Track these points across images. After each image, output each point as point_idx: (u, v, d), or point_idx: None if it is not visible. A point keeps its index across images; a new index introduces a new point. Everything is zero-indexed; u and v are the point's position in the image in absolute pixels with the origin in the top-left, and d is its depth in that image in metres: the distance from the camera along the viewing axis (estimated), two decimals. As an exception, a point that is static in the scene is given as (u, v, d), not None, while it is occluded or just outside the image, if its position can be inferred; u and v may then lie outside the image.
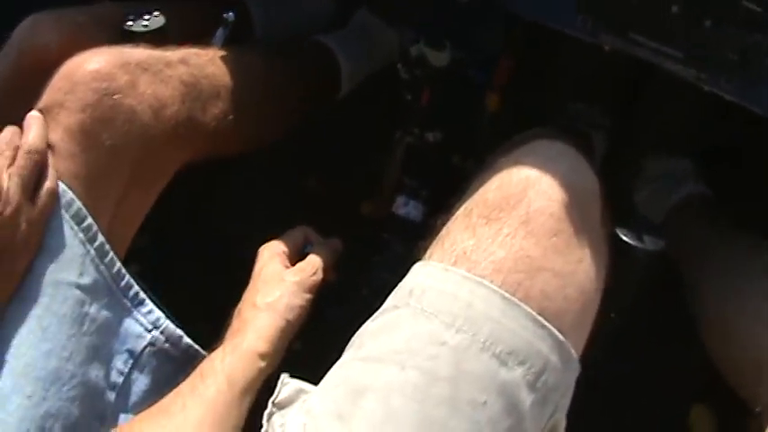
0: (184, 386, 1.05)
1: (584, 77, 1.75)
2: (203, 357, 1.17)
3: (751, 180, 1.73)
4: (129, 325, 1.20)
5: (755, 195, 1.70)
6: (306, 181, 1.79)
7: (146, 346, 1.20)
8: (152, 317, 1.22)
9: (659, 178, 1.74)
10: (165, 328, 1.22)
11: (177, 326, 1.24)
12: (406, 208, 1.59)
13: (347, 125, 1.78)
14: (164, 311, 1.23)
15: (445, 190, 1.14)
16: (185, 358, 1.23)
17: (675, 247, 1.46)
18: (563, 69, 1.77)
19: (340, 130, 1.77)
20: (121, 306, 1.19)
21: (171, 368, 1.22)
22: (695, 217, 1.64)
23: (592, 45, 1.21)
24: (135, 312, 1.20)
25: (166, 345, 1.22)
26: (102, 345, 1.16)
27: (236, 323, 1.15)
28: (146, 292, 1.22)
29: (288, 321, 1.14)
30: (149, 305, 1.22)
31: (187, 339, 1.24)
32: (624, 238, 1.20)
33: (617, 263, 1.15)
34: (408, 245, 1.50)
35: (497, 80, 1.48)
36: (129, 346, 1.19)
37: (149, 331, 1.21)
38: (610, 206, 1.08)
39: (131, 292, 1.20)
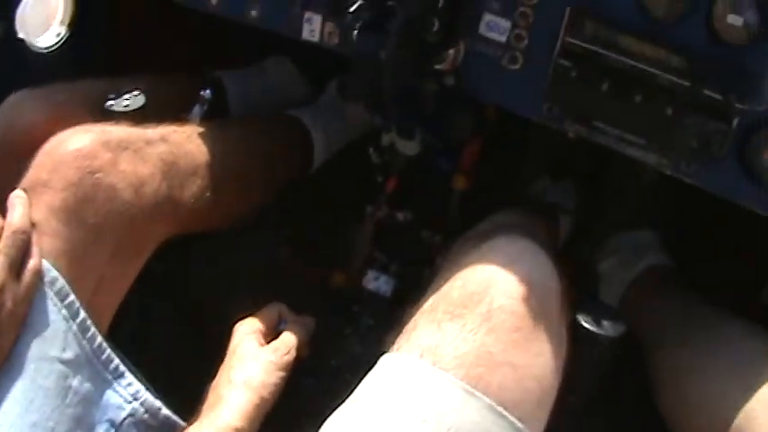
0: None
1: (550, 157, 1.79)
2: (181, 428, 1.21)
3: (713, 251, 1.78)
4: (110, 396, 1.22)
5: (717, 267, 1.75)
6: (278, 252, 1.82)
7: (126, 417, 1.22)
8: (132, 389, 1.23)
9: (622, 250, 1.78)
10: (144, 400, 1.24)
11: (156, 397, 1.26)
12: (377, 282, 1.62)
13: (319, 197, 1.81)
14: (143, 383, 1.25)
15: (415, 264, 1.18)
16: (164, 429, 1.25)
17: (636, 318, 1.50)
18: (530, 149, 1.81)
19: (312, 202, 1.79)
20: (102, 378, 1.21)
21: None
22: (657, 287, 1.67)
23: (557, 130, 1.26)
24: (115, 384, 1.22)
25: (145, 416, 1.23)
26: (84, 416, 1.18)
27: (212, 398, 1.19)
28: (125, 364, 1.24)
29: (263, 398, 1.18)
30: (129, 377, 1.24)
31: (165, 411, 1.25)
32: (586, 325, 1.23)
33: (579, 348, 1.19)
34: (378, 318, 1.54)
35: (464, 163, 1.52)
36: (109, 416, 1.21)
37: (129, 402, 1.23)
38: (569, 298, 1.12)
39: (112, 366, 1.22)
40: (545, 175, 1.80)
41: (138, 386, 1.24)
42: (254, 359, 1.23)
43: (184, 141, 1.41)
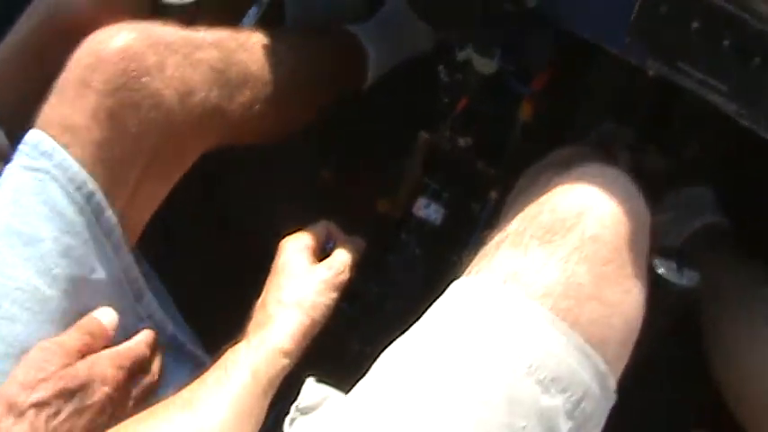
0: (209, 377, 1.05)
1: (619, 97, 1.73)
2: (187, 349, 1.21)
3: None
4: (128, 314, 1.20)
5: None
6: (322, 173, 1.77)
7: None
8: (151, 307, 1.23)
9: (678, 205, 1.72)
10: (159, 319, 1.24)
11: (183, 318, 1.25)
12: (427, 210, 1.56)
13: (369, 119, 1.75)
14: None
15: (467, 195, 1.13)
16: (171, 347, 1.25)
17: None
18: (598, 87, 1.75)
19: (361, 123, 1.74)
20: (126, 299, 1.20)
21: None
22: (712, 246, 1.61)
23: (632, 67, 1.20)
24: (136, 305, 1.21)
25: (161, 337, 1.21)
26: None
27: (260, 316, 1.15)
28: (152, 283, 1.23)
29: (314, 320, 1.15)
30: (148, 296, 1.23)
31: (173, 329, 1.25)
32: (661, 272, 1.18)
33: (652, 296, 1.14)
34: (426, 247, 1.49)
35: (535, 89, 1.46)
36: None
37: (143, 320, 1.22)
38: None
39: (136, 286, 1.21)
40: (607, 119, 1.73)
41: (155, 305, 1.23)
42: (306, 278, 1.19)
43: (237, 49, 1.35)
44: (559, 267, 0.92)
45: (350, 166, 1.75)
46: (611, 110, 1.73)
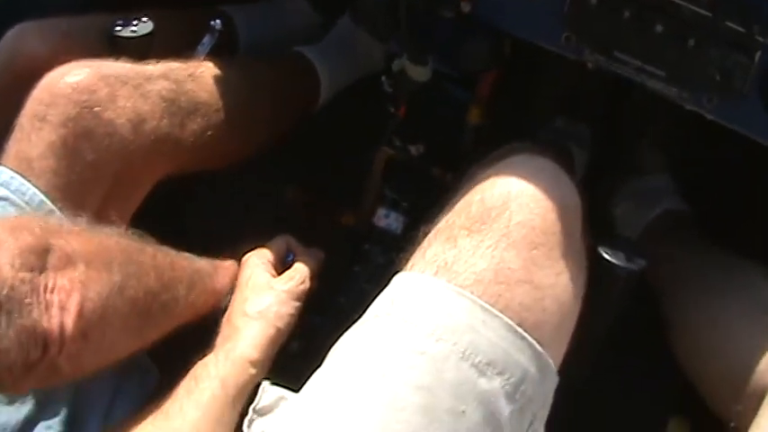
0: (180, 389, 1.09)
1: (566, 93, 1.76)
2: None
3: (728, 196, 1.75)
4: None
5: (732, 212, 1.72)
6: (285, 192, 1.79)
7: None
8: None
9: (638, 193, 1.75)
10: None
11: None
12: (387, 220, 1.59)
13: (327, 135, 1.78)
14: None
15: (425, 202, 1.15)
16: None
17: (651, 262, 1.48)
18: (545, 85, 1.78)
19: (320, 140, 1.77)
20: None
21: None
22: (672, 232, 1.65)
23: (575, 62, 1.23)
24: None
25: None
26: None
27: (226, 329, 1.19)
28: None
29: (278, 329, 1.19)
30: None
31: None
32: (607, 257, 1.20)
33: (599, 281, 1.16)
34: (389, 256, 1.52)
35: (480, 93, 1.49)
36: None
37: None
38: (589, 221, 1.09)
39: None
40: (560, 115, 1.76)
41: None
42: (268, 290, 1.23)
43: (186, 78, 1.39)
44: (488, 255, 0.94)
45: (312, 182, 1.78)
46: (562, 106, 1.76)
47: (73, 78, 1.23)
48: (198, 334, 1.22)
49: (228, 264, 1.32)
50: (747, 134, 1.17)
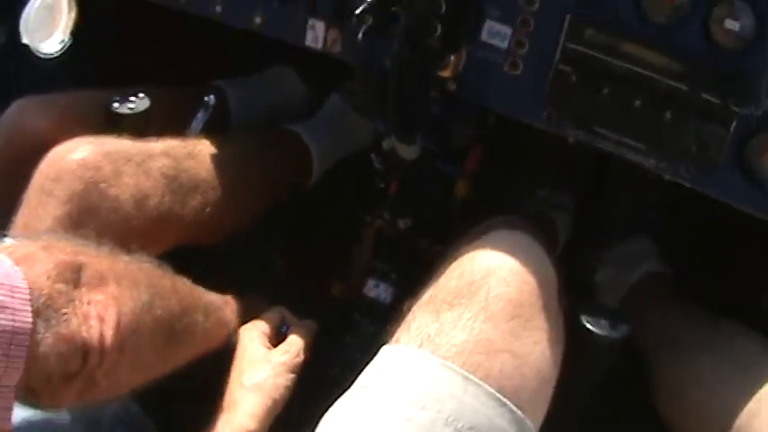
0: None
1: (550, 165, 1.81)
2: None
3: (711, 258, 1.79)
4: None
5: (716, 273, 1.76)
6: (276, 262, 1.83)
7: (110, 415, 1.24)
8: None
9: (620, 257, 1.79)
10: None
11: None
12: (377, 290, 1.63)
13: (318, 208, 1.82)
14: None
15: (414, 273, 1.19)
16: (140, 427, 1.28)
17: (635, 324, 1.51)
18: (529, 157, 1.82)
19: (311, 213, 1.80)
20: None
21: None
22: (655, 294, 1.68)
23: (557, 136, 1.27)
24: None
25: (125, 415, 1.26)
26: None
27: (225, 402, 1.22)
28: None
29: (274, 401, 1.23)
30: None
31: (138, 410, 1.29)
32: (589, 326, 1.24)
33: (581, 349, 1.20)
34: (379, 326, 1.55)
35: (467, 168, 1.54)
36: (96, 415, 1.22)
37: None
38: (566, 291, 1.14)
39: None
40: (544, 185, 1.82)
41: None
42: (264, 363, 1.27)
43: (186, 156, 1.43)
44: (468, 327, 0.98)
45: (302, 252, 1.81)
46: (545, 177, 1.81)
47: (78, 155, 1.26)
48: (193, 394, 1.25)
49: (233, 300, 1.36)
50: (725, 201, 1.21)
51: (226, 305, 1.33)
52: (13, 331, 0.85)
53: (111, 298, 1.02)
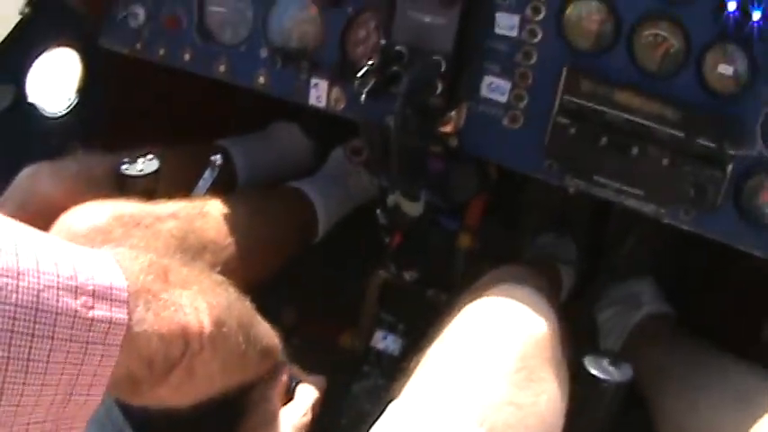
0: None
1: (552, 213, 1.83)
2: None
3: (712, 297, 1.80)
4: None
5: (717, 311, 1.77)
6: (283, 314, 1.84)
7: None
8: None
9: (622, 299, 1.81)
10: None
11: None
12: (385, 342, 1.65)
13: (326, 260, 1.84)
14: None
15: (422, 323, 1.21)
16: None
17: (637, 365, 1.52)
18: (531, 206, 1.84)
19: (317, 264, 1.82)
20: None
21: None
22: (657, 335, 1.69)
23: (558, 185, 1.30)
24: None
25: None
26: None
27: None
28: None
29: None
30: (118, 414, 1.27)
31: None
32: (593, 371, 1.26)
33: (585, 394, 1.22)
34: (388, 377, 1.56)
35: (469, 221, 1.57)
36: None
37: None
38: (569, 339, 1.16)
39: None
40: (547, 232, 1.84)
41: (121, 419, 1.27)
42: (275, 424, 1.25)
43: (195, 218, 1.44)
44: (473, 380, 1.01)
45: (310, 304, 1.82)
46: (548, 225, 1.83)
47: (88, 219, 1.28)
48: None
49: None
50: (724, 242, 1.23)
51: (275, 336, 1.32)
52: (110, 321, 0.86)
53: (200, 292, 1.04)
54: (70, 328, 0.82)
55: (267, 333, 1.26)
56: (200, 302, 1.02)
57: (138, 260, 0.97)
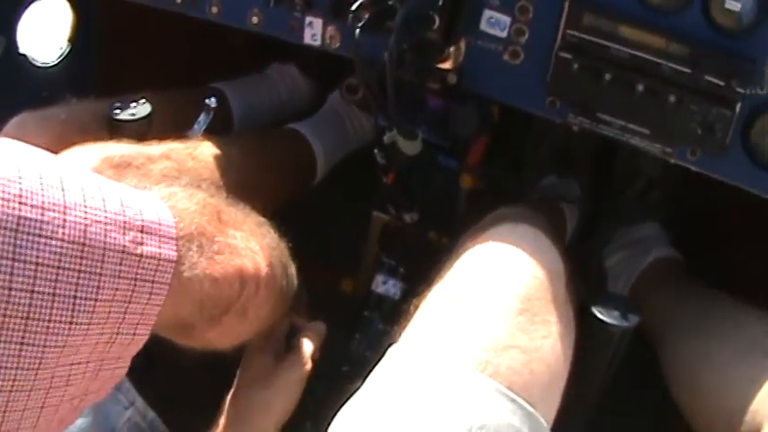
0: None
1: (555, 153, 1.80)
2: None
3: (720, 241, 1.78)
4: (112, 402, 1.23)
5: (725, 256, 1.75)
6: None
7: (124, 422, 1.24)
8: (130, 395, 1.26)
9: (629, 243, 1.80)
10: (138, 405, 1.26)
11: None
12: (385, 286, 1.62)
13: (325, 205, 1.82)
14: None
15: (423, 267, 1.18)
16: None
17: (645, 310, 1.50)
18: (534, 146, 1.82)
19: (318, 210, 1.80)
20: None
21: None
22: (665, 279, 1.68)
23: (561, 123, 1.27)
24: (116, 391, 1.24)
25: (138, 418, 1.25)
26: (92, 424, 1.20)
27: (232, 417, 1.22)
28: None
29: (285, 411, 1.22)
30: (127, 383, 1.25)
31: (152, 413, 1.29)
32: (600, 316, 1.23)
33: (593, 339, 1.19)
34: (388, 322, 1.54)
35: (471, 161, 1.53)
36: (111, 423, 1.23)
37: (126, 408, 1.25)
38: (575, 281, 1.13)
39: None
40: (550, 173, 1.81)
41: (133, 392, 1.27)
42: (272, 377, 1.24)
43: (187, 158, 1.41)
44: (475, 324, 0.98)
45: (310, 249, 1.81)
46: (551, 165, 1.81)
47: (79, 162, 1.25)
48: (207, 404, 1.24)
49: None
50: (732, 183, 1.21)
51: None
52: (159, 257, 0.85)
53: (251, 233, 1.04)
54: (119, 265, 0.81)
55: (296, 275, 1.25)
56: (254, 244, 1.02)
57: (193, 199, 0.96)
